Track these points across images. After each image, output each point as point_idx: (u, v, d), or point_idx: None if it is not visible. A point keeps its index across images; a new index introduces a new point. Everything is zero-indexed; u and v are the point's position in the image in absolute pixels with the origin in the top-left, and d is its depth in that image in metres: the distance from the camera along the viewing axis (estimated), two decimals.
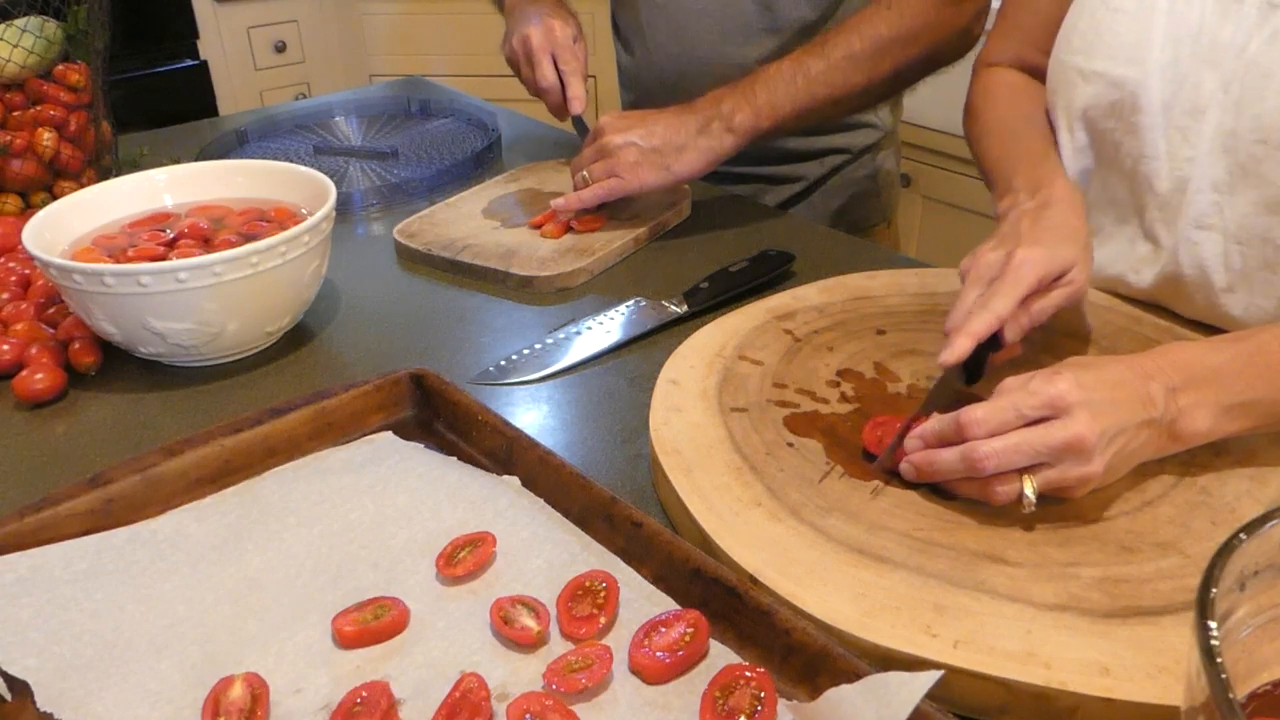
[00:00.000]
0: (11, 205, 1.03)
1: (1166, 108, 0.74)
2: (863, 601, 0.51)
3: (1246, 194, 0.71)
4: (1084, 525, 0.57)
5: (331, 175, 0.87)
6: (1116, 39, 0.75)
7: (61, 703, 0.48)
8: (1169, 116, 0.74)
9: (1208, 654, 0.31)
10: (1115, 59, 0.75)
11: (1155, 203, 0.76)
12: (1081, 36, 0.78)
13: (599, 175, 1.00)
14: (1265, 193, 0.69)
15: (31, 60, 1.01)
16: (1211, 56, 0.71)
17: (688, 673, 0.48)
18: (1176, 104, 0.73)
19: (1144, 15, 0.74)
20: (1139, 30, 0.74)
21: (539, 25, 1.08)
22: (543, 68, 1.07)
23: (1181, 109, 0.73)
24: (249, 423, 0.66)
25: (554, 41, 1.07)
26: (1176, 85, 0.73)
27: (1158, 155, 0.75)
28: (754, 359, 0.75)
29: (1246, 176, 0.70)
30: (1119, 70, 0.75)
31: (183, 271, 0.72)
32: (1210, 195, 0.73)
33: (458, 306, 0.91)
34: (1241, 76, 0.69)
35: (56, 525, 0.58)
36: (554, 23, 1.08)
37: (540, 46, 1.07)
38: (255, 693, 0.48)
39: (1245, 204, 0.71)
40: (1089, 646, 0.48)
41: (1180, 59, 0.72)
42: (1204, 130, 0.72)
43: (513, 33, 1.12)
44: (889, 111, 1.29)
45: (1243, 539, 0.35)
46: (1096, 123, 0.78)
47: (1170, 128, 0.74)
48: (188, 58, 2.76)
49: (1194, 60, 0.72)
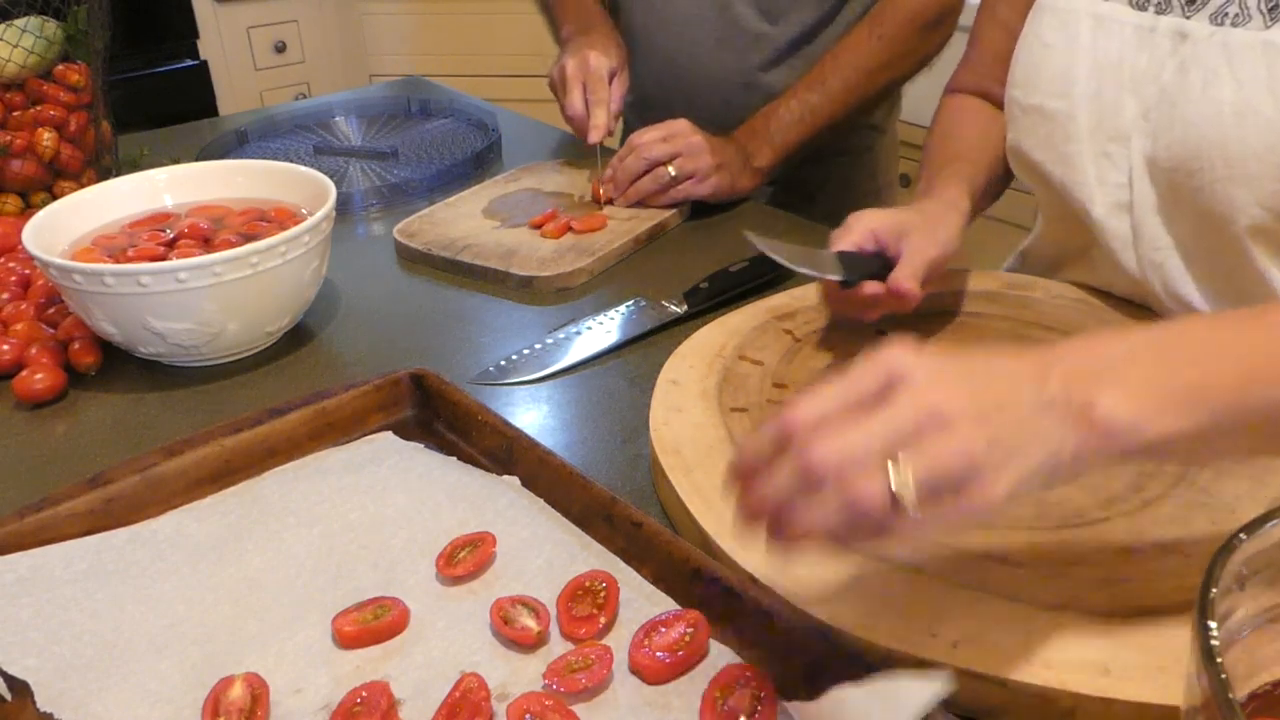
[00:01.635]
0: (11, 205, 1.03)
1: (1092, 135, 0.75)
2: (863, 601, 0.51)
3: (1184, 215, 0.72)
4: (1084, 525, 0.57)
5: (331, 175, 0.87)
6: (1048, 73, 0.77)
7: (61, 703, 0.48)
8: (1095, 143, 0.75)
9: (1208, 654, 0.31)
10: (1048, 92, 0.77)
11: (1095, 228, 0.78)
12: (1022, 71, 0.80)
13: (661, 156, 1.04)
14: (1199, 215, 0.70)
15: (31, 60, 1.01)
16: (1132, 84, 0.73)
17: (688, 673, 0.48)
18: (1101, 131, 0.75)
19: (1070, 49, 0.76)
20: (1065, 64, 0.76)
21: (576, 56, 1.13)
22: (571, 96, 1.11)
23: (1106, 135, 0.75)
24: (249, 423, 0.66)
25: (586, 72, 1.12)
26: (1101, 113, 0.75)
27: (1088, 182, 0.76)
28: (754, 359, 0.75)
29: (1177, 200, 0.72)
30: (1051, 103, 0.77)
31: (183, 271, 0.72)
32: (1154, 217, 0.74)
33: (458, 306, 0.91)
34: (1157, 104, 0.71)
35: (56, 525, 0.58)
36: (590, 54, 1.12)
37: (573, 76, 1.11)
38: (255, 693, 0.48)
39: (1186, 225, 0.73)
40: (1089, 646, 0.48)
41: (1104, 88, 0.74)
42: (1132, 156, 0.74)
43: (557, 60, 1.18)
44: (887, 112, 1.29)
45: (1243, 539, 0.35)
46: (1031, 154, 0.80)
47: (1098, 154, 0.76)
48: (188, 58, 2.76)
49: (1116, 88, 0.74)
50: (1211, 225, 0.70)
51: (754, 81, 1.18)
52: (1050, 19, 0.78)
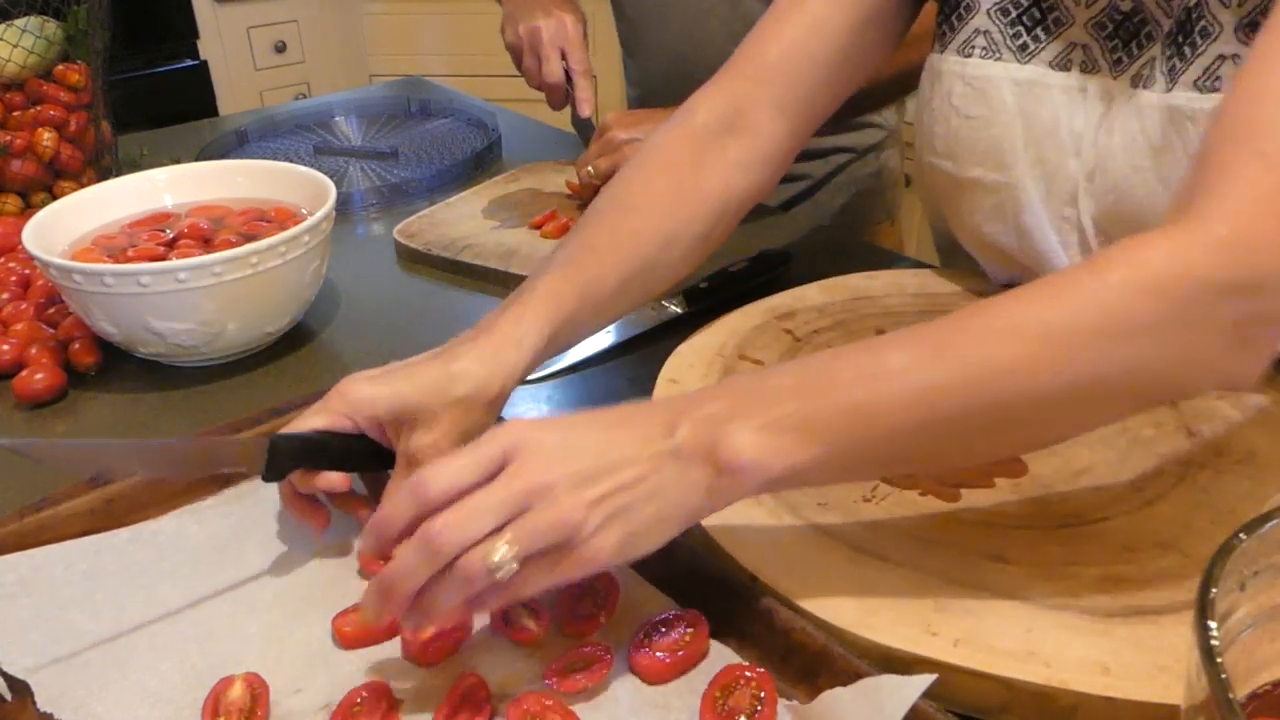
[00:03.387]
0: (11, 205, 1.03)
1: (1045, 203, 0.72)
2: (863, 601, 0.51)
3: None
4: (1084, 525, 0.57)
5: (331, 175, 0.87)
6: (979, 145, 0.73)
7: (61, 703, 0.48)
8: (1050, 209, 0.72)
9: (1208, 654, 0.31)
10: (985, 165, 0.74)
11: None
12: (942, 142, 0.76)
13: (604, 172, 0.99)
14: None
15: (31, 60, 1.01)
16: (1072, 147, 0.70)
17: (688, 673, 0.48)
18: (1053, 197, 0.72)
19: (999, 119, 0.72)
20: (997, 134, 0.72)
21: (551, 17, 1.05)
22: (551, 63, 1.05)
23: (1059, 200, 0.72)
24: (249, 423, 0.66)
25: (565, 37, 1.06)
26: (1047, 180, 0.72)
27: (1054, 250, 0.73)
28: (754, 359, 0.75)
29: None
30: (991, 176, 0.74)
31: (183, 271, 0.72)
32: None
33: (458, 306, 0.91)
34: (1095, 165, 0.69)
35: (56, 525, 0.59)
36: (567, 17, 1.06)
37: (551, 40, 1.05)
38: (255, 693, 0.48)
39: None
40: (1089, 645, 0.48)
41: (1045, 155, 0.71)
42: (1084, 219, 0.71)
43: (518, 19, 1.09)
44: (893, 112, 1.29)
45: (1243, 539, 0.35)
46: (981, 226, 0.77)
47: (1056, 220, 0.72)
48: (188, 58, 2.76)
49: (1057, 152, 0.71)
50: None
51: None
52: (963, 89, 0.74)
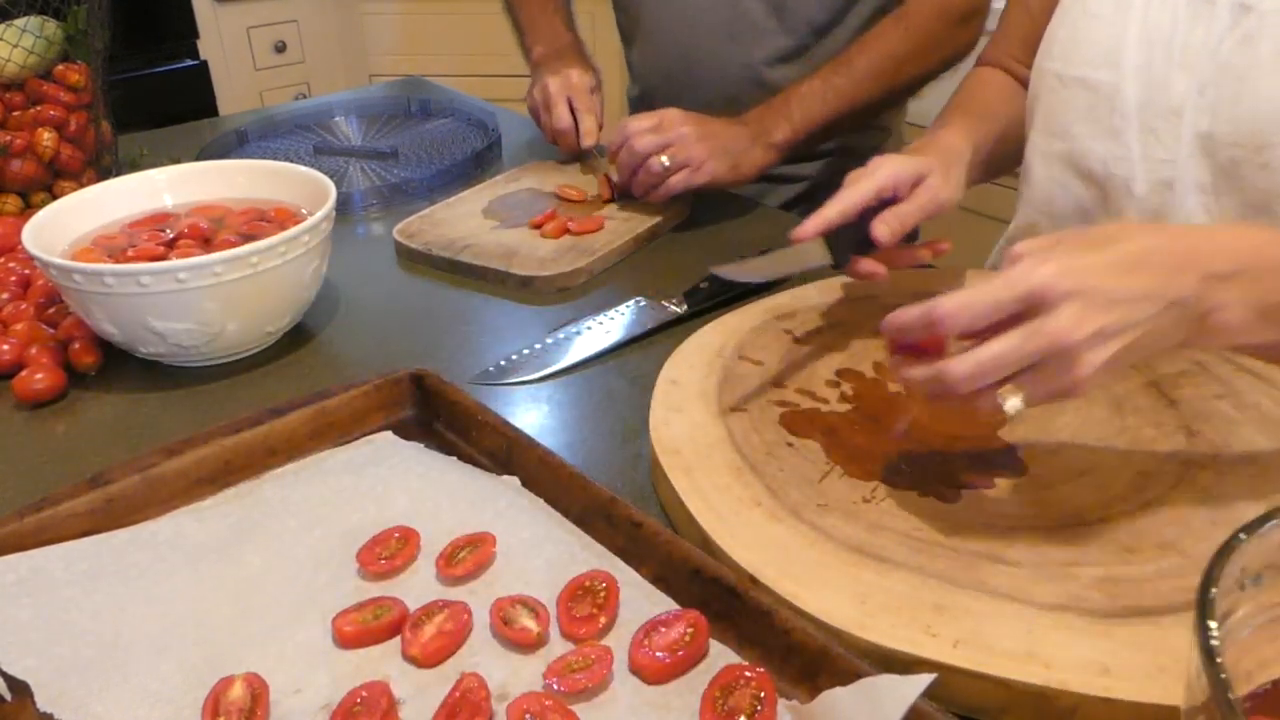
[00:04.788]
0: (11, 205, 1.03)
1: (1141, 110, 0.74)
2: (863, 601, 0.51)
3: (1231, 196, 0.71)
4: (1084, 525, 0.57)
5: (331, 175, 0.87)
6: (1093, 44, 0.76)
7: (61, 703, 0.48)
8: (1143, 119, 0.74)
9: (1208, 654, 0.31)
10: (1092, 64, 0.76)
11: (1134, 206, 0.76)
12: (1060, 44, 0.79)
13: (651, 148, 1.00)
14: (1248, 195, 0.70)
15: (31, 60, 1.01)
16: (1184, 59, 0.71)
17: (688, 673, 0.48)
18: (1150, 106, 0.74)
19: (1119, 19, 0.74)
20: (1114, 35, 0.75)
21: (558, 74, 1.17)
22: (558, 110, 1.15)
23: (1155, 111, 0.73)
24: (249, 423, 0.66)
25: (570, 87, 1.16)
26: (1150, 88, 0.73)
27: (1132, 158, 0.75)
28: (754, 359, 0.75)
29: (1228, 179, 0.70)
30: (1095, 74, 0.76)
31: (183, 271, 0.72)
32: (1197, 196, 0.73)
33: (458, 306, 0.91)
34: (1215, 80, 0.69)
35: (56, 525, 0.58)
36: (572, 72, 1.17)
37: (557, 92, 1.15)
38: (255, 693, 0.48)
39: (1231, 205, 0.71)
40: (1089, 646, 0.48)
41: (1154, 62, 0.73)
42: (1181, 133, 0.72)
43: (534, 82, 1.20)
44: (894, 113, 1.29)
45: (1243, 539, 0.35)
46: (1070, 128, 0.79)
47: (1144, 130, 0.74)
48: (188, 58, 2.76)
49: (1166, 63, 0.72)
50: (1261, 206, 0.69)
51: (760, 77, 1.18)
52: None
